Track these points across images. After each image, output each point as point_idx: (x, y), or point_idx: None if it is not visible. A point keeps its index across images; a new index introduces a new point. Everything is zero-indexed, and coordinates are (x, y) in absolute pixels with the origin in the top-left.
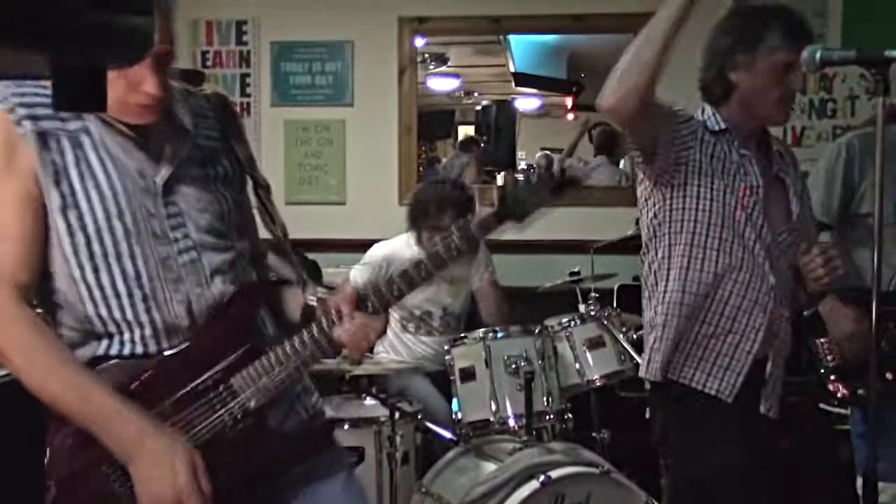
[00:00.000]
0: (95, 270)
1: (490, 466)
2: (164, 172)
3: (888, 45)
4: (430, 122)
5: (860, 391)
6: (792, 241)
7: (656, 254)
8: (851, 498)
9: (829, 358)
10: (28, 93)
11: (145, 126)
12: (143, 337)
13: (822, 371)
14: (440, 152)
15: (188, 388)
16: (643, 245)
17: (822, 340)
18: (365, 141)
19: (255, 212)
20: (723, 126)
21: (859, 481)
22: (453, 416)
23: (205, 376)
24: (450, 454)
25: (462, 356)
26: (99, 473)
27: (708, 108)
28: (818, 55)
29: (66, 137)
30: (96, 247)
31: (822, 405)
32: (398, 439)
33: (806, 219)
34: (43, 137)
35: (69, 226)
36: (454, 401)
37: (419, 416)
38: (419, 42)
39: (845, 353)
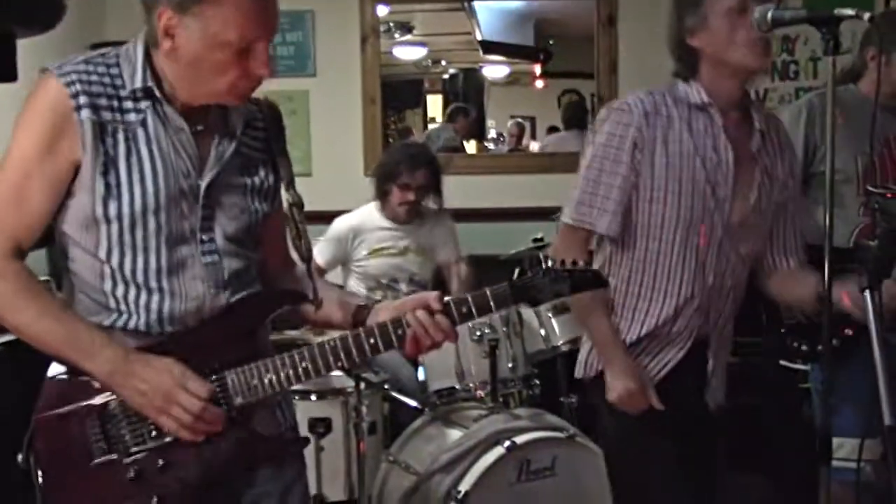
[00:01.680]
0: (122, 256)
1: (456, 434)
2: (208, 177)
3: (850, 6)
4: (398, 92)
5: (819, 347)
6: (748, 235)
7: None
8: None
9: (788, 316)
10: (95, 81)
11: (202, 120)
12: (151, 321)
13: (783, 330)
14: (409, 122)
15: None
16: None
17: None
18: (329, 112)
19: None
20: (705, 100)
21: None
22: (419, 385)
23: (201, 362)
24: (416, 423)
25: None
26: (78, 424)
27: (689, 85)
28: (769, 15)
29: (122, 130)
30: (127, 237)
31: (783, 363)
32: (365, 409)
33: (766, 210)
34: (101, 128)
35: (107, 214)
36: (420, 369)
37: (385, 386)
38: (382, 10)
39: (804, 311)
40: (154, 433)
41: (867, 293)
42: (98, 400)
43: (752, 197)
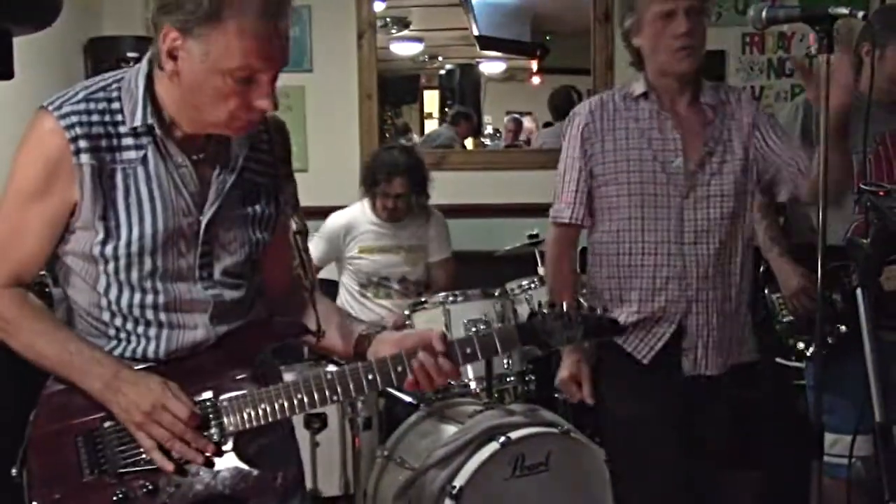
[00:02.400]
0: (119, 292)
1: (451, 429)
2: (208, 214)
3: (842, 3)
4: (395, 88)
5: (813, 345)
6: (708, 195)
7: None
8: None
9: (784, 313)
10: (96, 122)
11: (204, 148)
12: (148, 350)
13: (778, 327)
14: (406, 117)
15: None
16: None
17: (776, 296)
18: (325, 107)
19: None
20: (643, 90)
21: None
22: None
23: (195, 388)
24: (411, 418)
25: (422, 321)
26: (70, 440)
27: (637, 78)
28: (764, 13)
29: (121, 170)
30: (123, 275)
31: (779, 360)
32: (360, 405)
33: (731, 171)
34: (100, 171)
35: (104, 253)
36: None
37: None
38: (378, 6)
39: (798, 309)
40: (144, 456)
41: (859, 291)
42: (92, 418)
43: (710, 162)
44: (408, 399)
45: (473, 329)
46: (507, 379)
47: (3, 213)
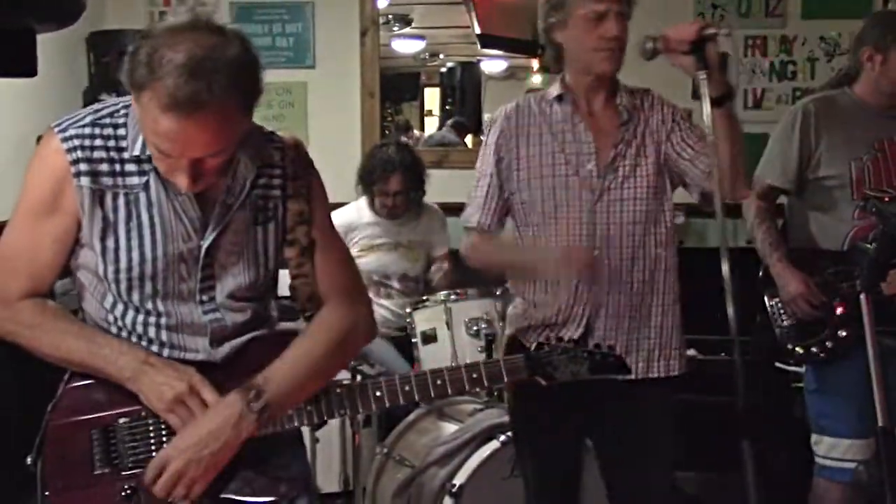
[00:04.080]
0: (125, 311)
1: (451, 427)
2: (209, 239)
3: (848, 14)
4: (396, 85)
5: (813, 349)
6: (619, 198)
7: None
8: (805, 453)
9: (783, 317)
10: (99, 146)
11: None
12: None
13: (778, 331)
14: (406, 114)
15: None
16: None
17: (775, 300)
18: (327, 104)
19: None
20: (559, 92)
21: (813, 438)
22: None
23: None
24: (411, 416)
25: (423, 319)
26: (85, 434)
27: (555, 80)
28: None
29: (123, 194)
30: (125, 296)
31: (778, 363)
32: None
33: (645, 174)
34: (100, 195)
35: (106, 274)
36: (416, 363)
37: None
38: (381, 3)
39: (796, 313)
40: (154, 454)
41: (863, 296)
42: (109, 414)
43: (623, 165)
44: None
45: (474, 326)
46: None
47: (16, 228)
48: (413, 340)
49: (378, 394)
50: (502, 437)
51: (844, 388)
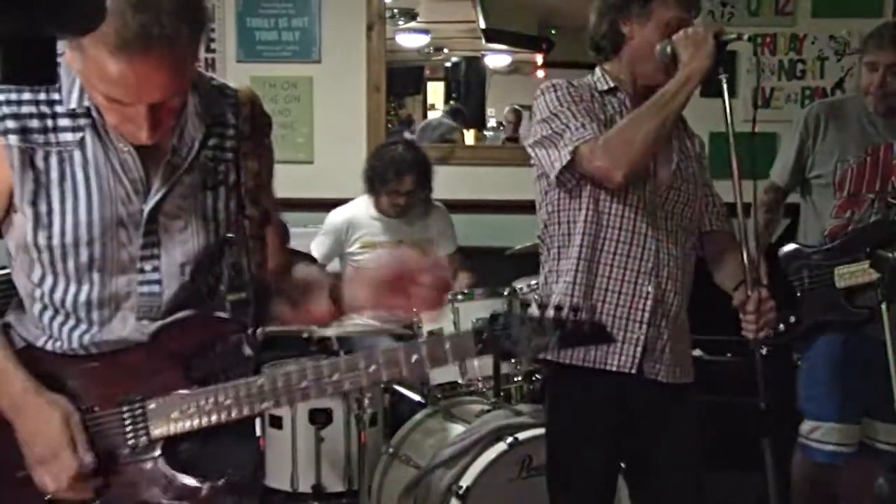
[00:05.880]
0: (54, 284)
1: (458, 428)
2: (152, 201)
3: (859, 12)
4: (399, 78)
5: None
6: (678, 200)
7: (550, 232)
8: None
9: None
10: (27, 100)
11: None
12: (75, 348)
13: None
14: (409, 108)
15: (104, 394)
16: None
17: None
18: (333, 98)
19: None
20: (611, 84)
21: (823, 426)
22: (421, 379)
23: (123, 388)
24: (418, 416)
25: (430, 319)
26: (9, 435)
27: (598, 70)
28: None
29: (55, 153)
30: (59, 265)
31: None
32: (366, 401)
33: (694, 178)
34: (29, 154)
35: (36, 242)
36: None
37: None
38: None
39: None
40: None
41: (884, 306)
42: None
43: (672, 162)
44: (415, 398)
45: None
46: (514, 378)
47: None
48: (419, 340)
49: (304, 385)
50: (509, 439)
51: (824, 376)
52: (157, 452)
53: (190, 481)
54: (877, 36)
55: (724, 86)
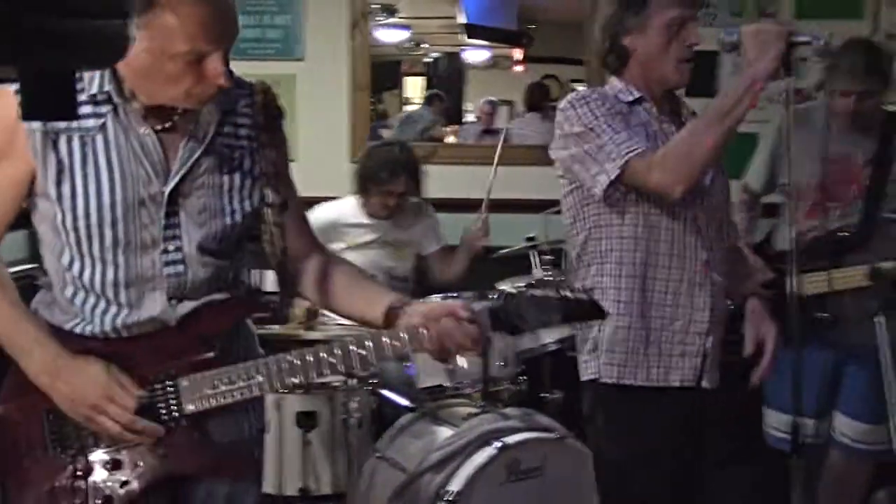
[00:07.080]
0: (82, 266)
1: (446, 432)
2: (172, 182)
3: (840, 14)
4: (377, 74)
5: None
6: (713, 206)
7: (589, 248)
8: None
9: None
10: None
11: (169, 119)
12: (107, 330)
13: None
14: (387, 104)
15: (135, 374)
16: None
17: None
18: (316, 97)
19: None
20: (636, 94)
21: (776, 416)
22: (406, 379)
23: (154, 367)
24: (404, 419)
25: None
26: (37, 416)
27: (615, 81)
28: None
29: (78, 136)
30: (85, 247)
31: None
32: (352, 404)
33: (722, 185)
34: (53, 137)
35: (64, 224)
36: (411, 366)
37: (374, 380)
38: None
39: None
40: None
41: (882, 319)
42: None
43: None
44: (403, 402)
45: None
46: (502, 382)
47: None
48: None
49: (331, 358)
50: (498, 444)
51: (784, 370)
52: (187, 426)
53: (217, 454)
54: (849, 62)
55: (790, 91)
